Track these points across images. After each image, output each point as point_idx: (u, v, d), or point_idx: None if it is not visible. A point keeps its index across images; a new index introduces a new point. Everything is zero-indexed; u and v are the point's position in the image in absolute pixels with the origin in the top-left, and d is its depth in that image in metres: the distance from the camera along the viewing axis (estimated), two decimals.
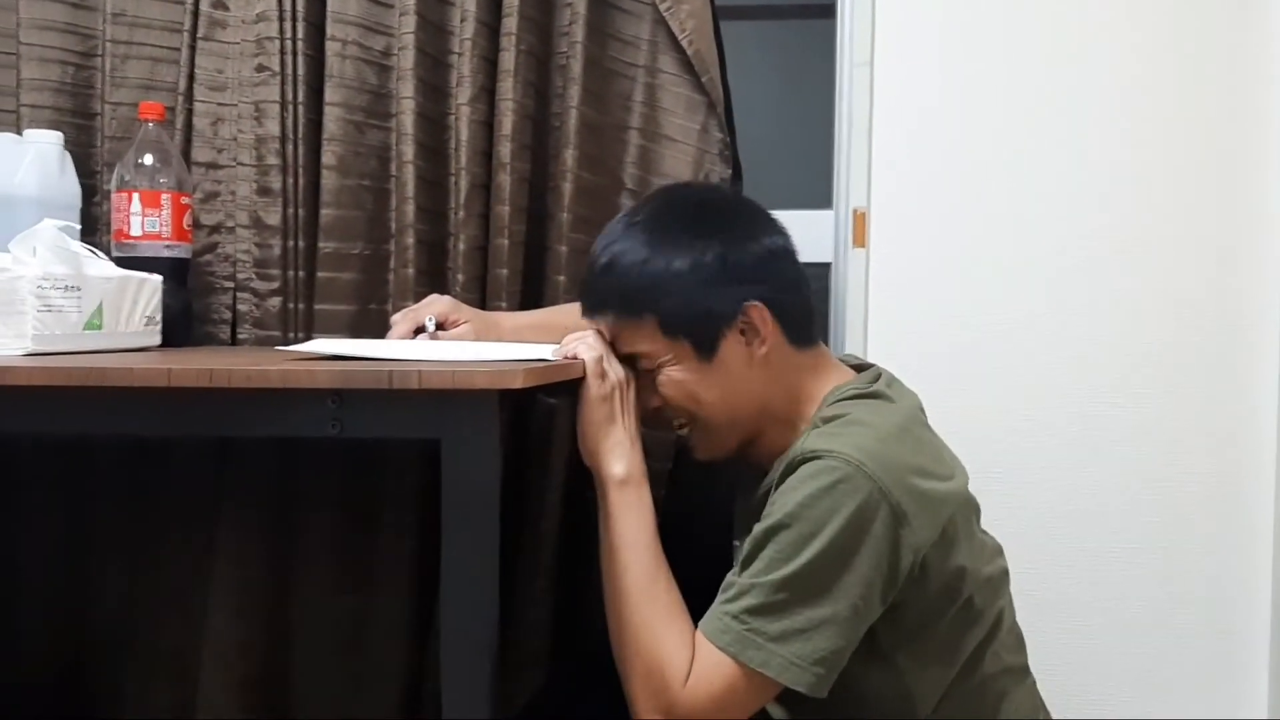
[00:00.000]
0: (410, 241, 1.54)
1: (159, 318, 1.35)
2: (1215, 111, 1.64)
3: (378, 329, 1.55)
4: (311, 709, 1.57)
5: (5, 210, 1.41)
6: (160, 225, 1.46)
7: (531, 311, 1.52)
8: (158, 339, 1.35)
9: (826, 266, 1.76)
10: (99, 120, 1.60)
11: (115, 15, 1.58)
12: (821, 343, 1.24)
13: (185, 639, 1.57)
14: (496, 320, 1.42)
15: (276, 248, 1.55)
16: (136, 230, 1.45)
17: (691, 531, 1.38)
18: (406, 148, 1.54)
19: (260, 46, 1.55)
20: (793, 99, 2.65)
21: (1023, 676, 1.21)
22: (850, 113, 1.68)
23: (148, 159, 1.46)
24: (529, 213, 1.57)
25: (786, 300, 1.18)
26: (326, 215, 1.55)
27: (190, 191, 1.53)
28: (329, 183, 1.55)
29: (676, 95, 1.61)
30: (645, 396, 1.19)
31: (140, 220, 1.45)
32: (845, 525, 1.01)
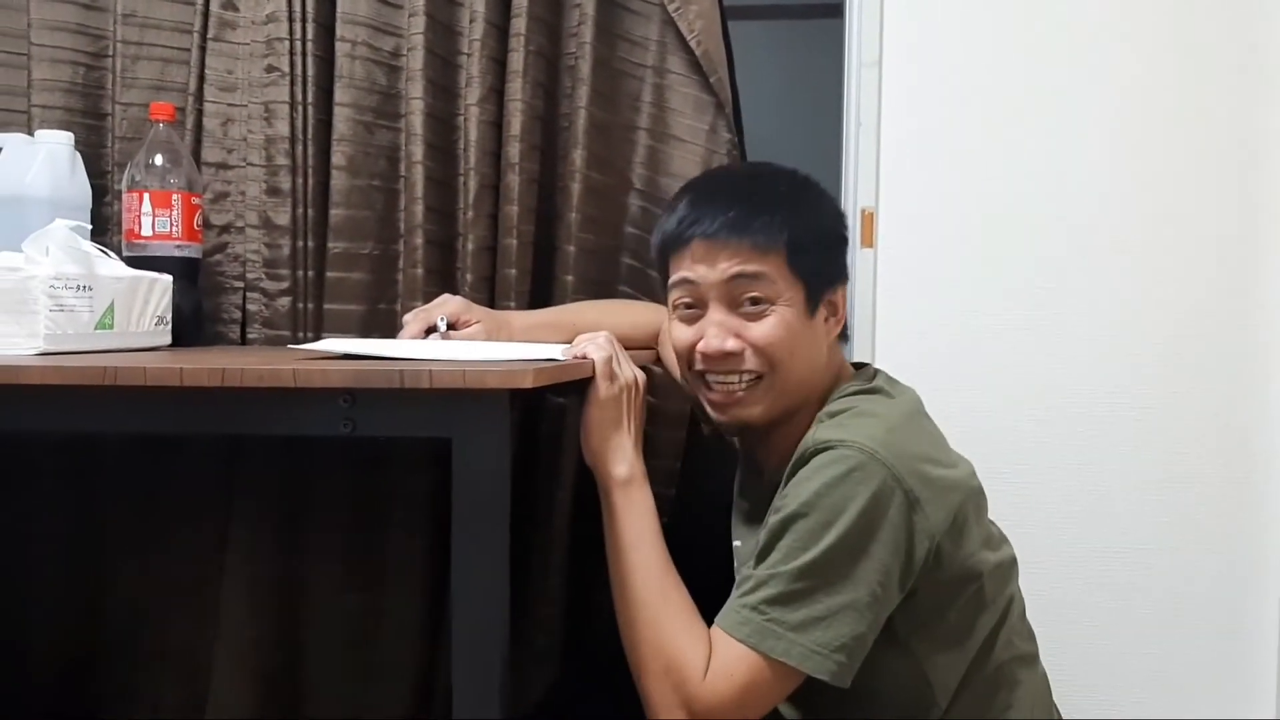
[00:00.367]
0: (419, 241, 1.54)
1: (169, 317, 1.35)
2: (1221, 111, 1.64)
3: (387, 329, 1.56)
4: (322, 706, 1.58)
5: (17, 210, 1.41)
6: (171, 225, 1.47)
7: (542, 310, 1.52)
8: (168, 338, 1.36)
9: None
10: (110, 121, 1.61)
11: (126, 16, 1.59)
12: None
13: (197, 637, 1.58)
14: (507, 319, 1.42)
15: (286, 248, 1.56)
16: (147, 230, 1.46)
17: (695, 531, 1.38)
18: (416, 148, 1.54)
19: (270, 47, 1.56)
20: (800, 99, 2.65)
21: (1034, 664, 1.21)
22: (858, 113, 1.68)
23: (158, 159, 1.47)
24: (538, 213, 1.58)
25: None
26: (336, 215, 1.55)
27: (200, 192, 1.53)
28: (338, 183, 1.55)
29: (685, 95, 1.62)
30: (719, 337, 1.13)
31: (151, 220, 1.46)
32: (861, 512, 1.01)
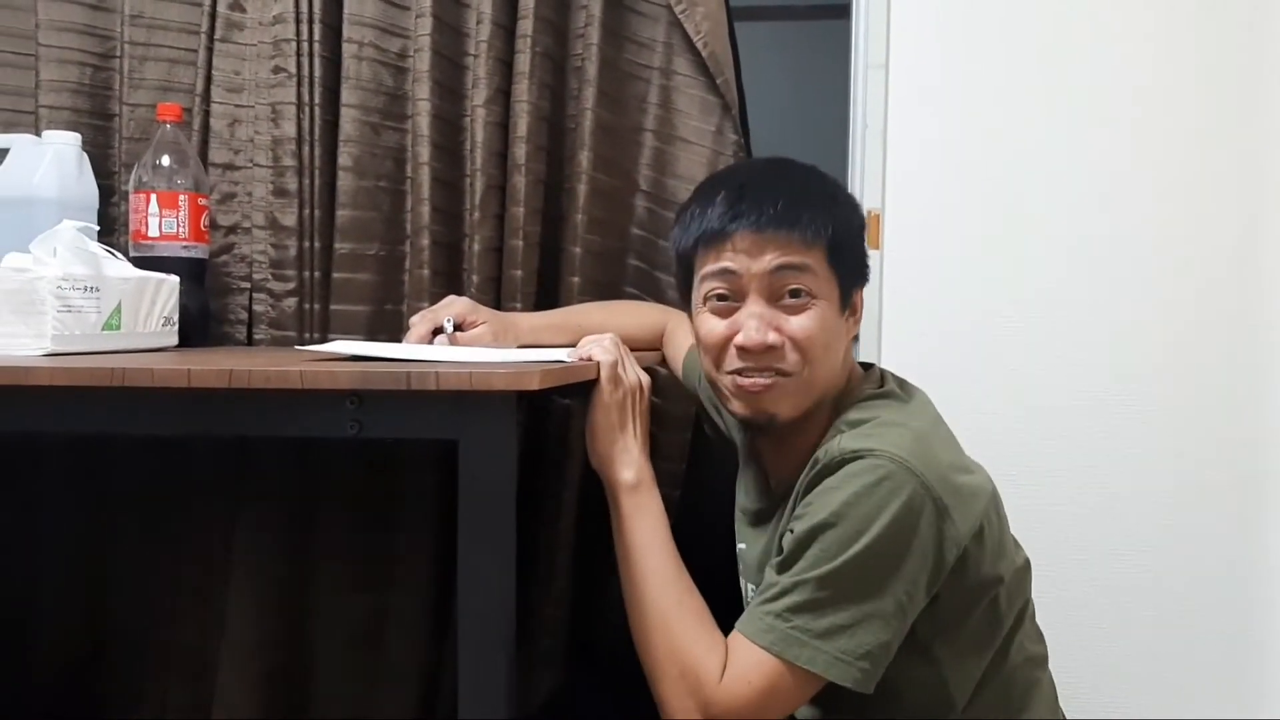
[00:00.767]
0: (425, 243, 1.54)
1: (176, 318, 1.36)
2: (1230, 110, 1.63)
3: (393, 330, 1.56)
4: (329, 707, 1.58)
5: (24, 211, 1.42)
6: (177, 226, 1.47)
7: (548, 312, 1.52)
8: (175, 339, 1.36)
9: None
10: (117, 121, 1.62)
11: (133, 17, 1.60)
12: None
13: (203, 637, 1.58)
14: (514, 321, 1.42)
15: (292, 248, 1.56)
16: (154, 231, 1.46)
17: (698, 533, 1.37)
18: (422, 149, 1.54)
19: (277, 48, 1.56)
20: (807, 100, 2.65)
21: (1045, 665, 1.21)
22: (864, 114, 1.68)
23: (165, 160, 1.47)
24: (544, 214, 1.58)
25: None
26: (342, 216, 1.56)
27: (207, 192, 1.53)
28: (345, 184, 1.55)
29: (691, 97, 1.62)
30: (759, 330, 1.09)
31: (158, 221, 1.46)
32: (892, 522, 1.00)
